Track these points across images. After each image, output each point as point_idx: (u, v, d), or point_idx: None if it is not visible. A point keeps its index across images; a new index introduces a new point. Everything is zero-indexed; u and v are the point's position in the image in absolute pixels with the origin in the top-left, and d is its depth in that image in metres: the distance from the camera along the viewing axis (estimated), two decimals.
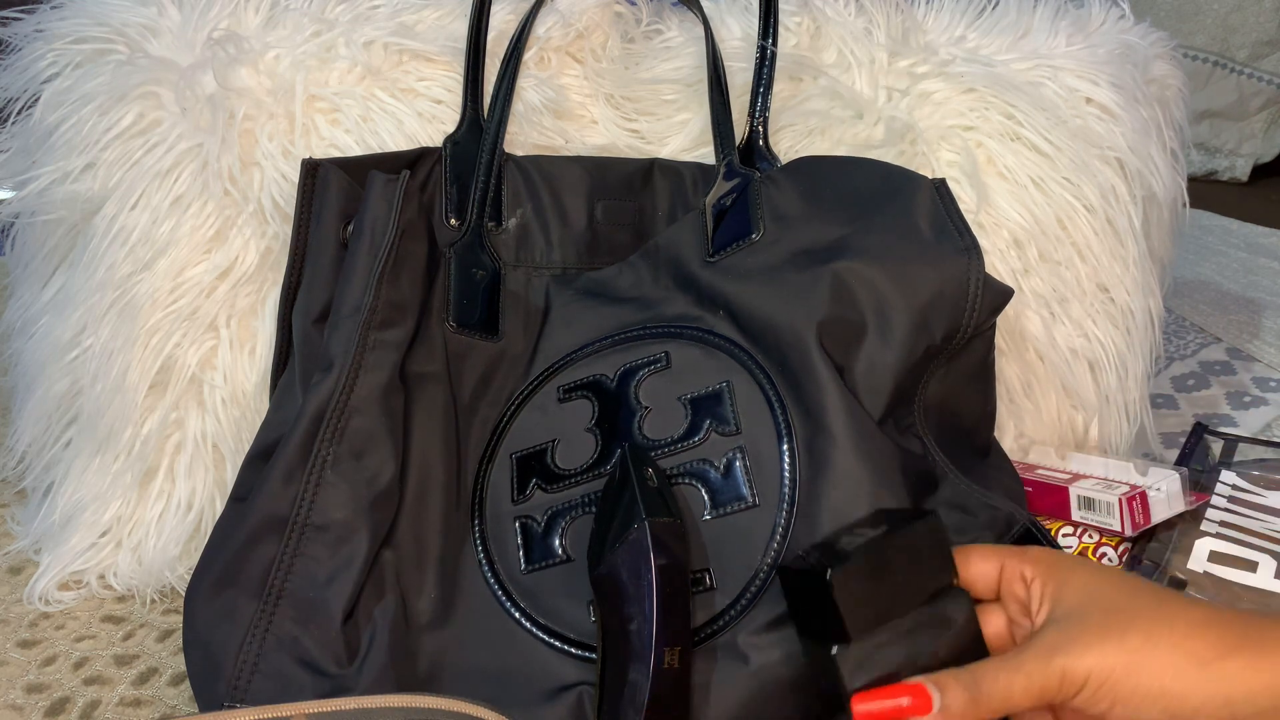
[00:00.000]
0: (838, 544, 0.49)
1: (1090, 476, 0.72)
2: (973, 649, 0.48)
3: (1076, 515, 0.69)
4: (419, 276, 0.63)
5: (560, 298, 0.69)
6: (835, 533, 0.52)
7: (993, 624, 0.50)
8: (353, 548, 0.57)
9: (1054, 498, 0.71)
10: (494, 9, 0.73)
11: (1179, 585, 0.65)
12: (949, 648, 0.47)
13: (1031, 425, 0.78)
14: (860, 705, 0.44)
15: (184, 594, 0.58)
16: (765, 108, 0.72)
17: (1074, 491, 0.70)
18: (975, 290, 0.59)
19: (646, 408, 0.62)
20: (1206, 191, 1.73)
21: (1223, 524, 0.70)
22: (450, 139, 0.70)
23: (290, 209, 0.67)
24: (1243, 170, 1.92)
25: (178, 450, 0.71)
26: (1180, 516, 0.70)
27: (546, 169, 0.71)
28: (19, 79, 0.71)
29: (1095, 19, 0.80)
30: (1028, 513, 0.60)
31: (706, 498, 0.58)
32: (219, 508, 0.70)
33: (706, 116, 0.72)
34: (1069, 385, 0.77)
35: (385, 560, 0.59)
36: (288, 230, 0.67)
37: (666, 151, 0.75)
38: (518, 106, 0.72)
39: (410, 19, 0.73)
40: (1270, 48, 1.86)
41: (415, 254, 0.63)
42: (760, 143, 0.72)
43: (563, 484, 0.62)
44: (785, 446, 0.58)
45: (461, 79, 0.71)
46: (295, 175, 0.67)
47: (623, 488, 0.55)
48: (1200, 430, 0.84)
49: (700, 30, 0.73)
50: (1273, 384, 1.06)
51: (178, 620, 0.68)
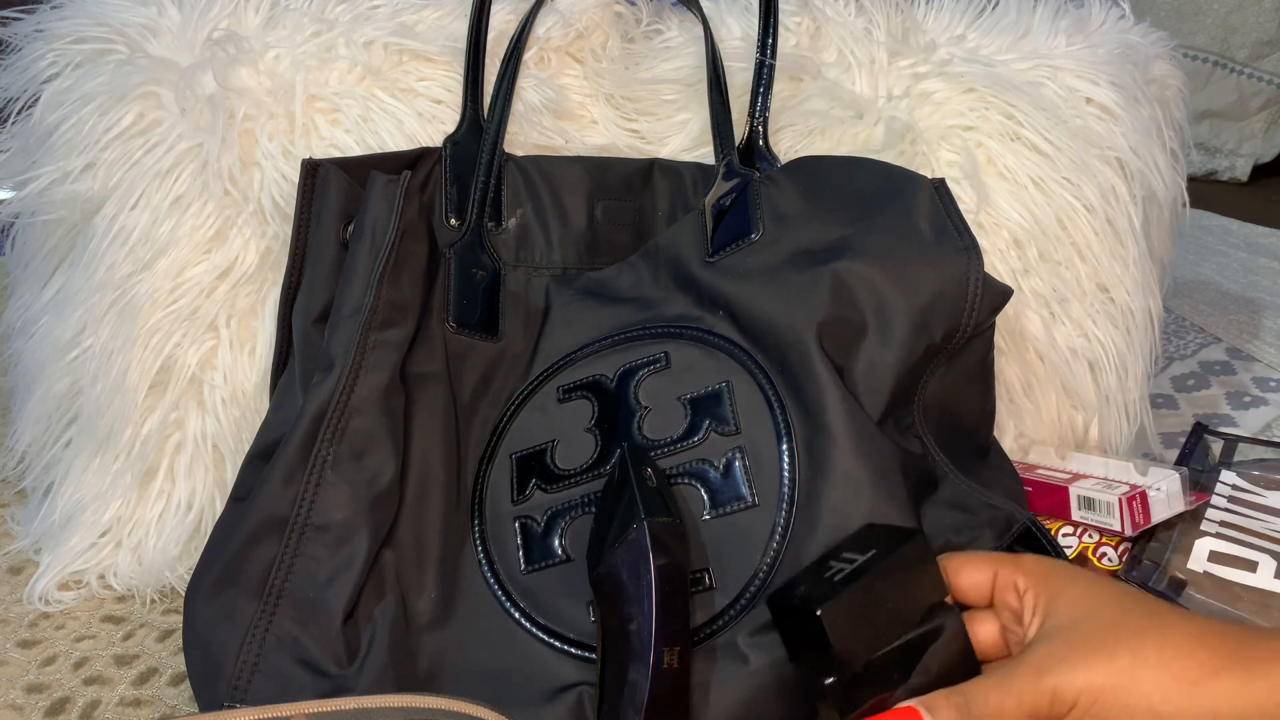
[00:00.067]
0: (826, 572, 0.49)
1: (1090, 476, 0.72)
2: (964, 665, 0.48)
3: (1076, 515, 0.69)
4: (419, 277, 0.63)
5: (560, 298, 0.69)
6: (824, 556, 0.52)
7: (985, 631, 0.49)
8: (353, 548, 0.57)
9: (1054, 498, 0.71)
10: (494, 9, 0.73)
11: (1179, 585, 0.65)
12: (940, 665, 0.47)
13: (1031, 425, 0.78)
14: None
15: (184, 594, 0.58)
16: (765, 108, 0.72)
17: (1074, 491, 0.70)
18: (975, 290, 0.59)
19: (646, 408, 0.62)
20: (1206, 191, 1.72)
21: (1223, 524, 0.70)
22: (450, 139, 0.70)
23: (290, 209, 0.67)
24: (1243, 170, 1.92)
25: (178, 450, 0.71)
26: (1180, 516, 0.70)
27: (546, 169, 0.71)
28: (19, 79, 0.71)
29: (1095, 19, 0.80)
30: (1028, 512, 0.60)
31: (706, 498, 0.58)
32: (219, 508, 0.70)
33: (706, 116, 0.72)
34: (1069, 385, 0.77)
35: (385, 560, 0.59)
36: (288, 230, 0.67)
37: (666, 151, 0.75)
38: (518, 106, 0.72)
39: (410, 19, 0.73)
40: (1270, 48, 1.86)
41: (416, 254, 0.63)
42: (760, 143, 0.72)
43: (562, 484, 0.62)
44: (785, 446, 0.58)
45: (461, 79, 0.71)
46: (295, 175, 0.67)
47: (622, 488, 0.55)
48: (1200, 430, 0.84)
49: (700, 30, 0.73)
50: (1273, 384, 1.06)
51: (178, 620, 0.68)
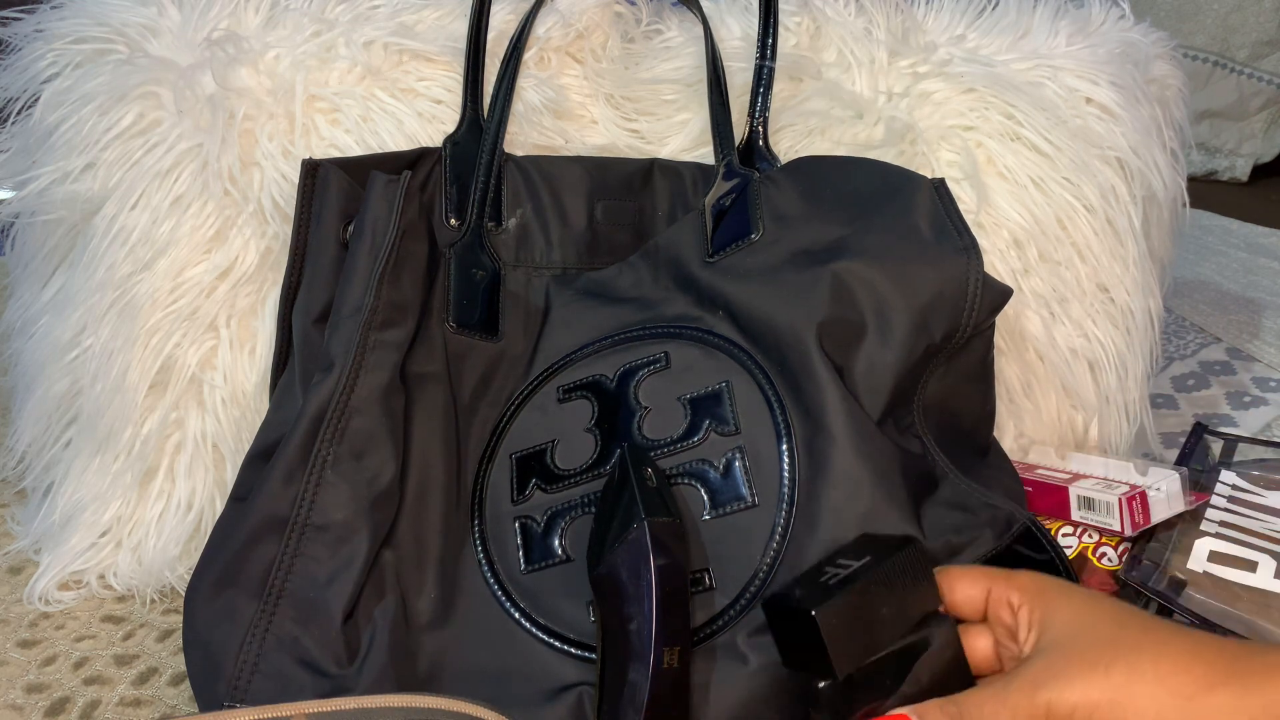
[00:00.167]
0: (821, 577, 0.49)
1: (1090, 476, 0.72)
2: (957, 675, 0.48)
3: (1076, 515, 0.69)
4: (419, 277, 0.63)
5: (560, 298, 0.69)
6: (819, 563, 0.52)
7: (979, 646, 0.49)
8: (353, 548, 0.57)
9: (1054, 497, 0.71)
10: (494, 9, 0.73)
11: (1179, 585, 0.65)
12: (933, 674, 0.47)
13: (1031, 425, 0.78)
14: None
15: (184, 594, 0.58)
16: (765, 108, 0.72)
17: (1074, 491, 0.70)
18: (974, 290, 0.59)
19: (646, 408, 0.62)
20: (1206, 191, 1.73)
21: (1222, 524, 0.70)
22: (450, 139, 0.70)
23: (290, 209, 0.67)
24: (1243, 170, 1.92)
25: (178, 450, 0.71)
26: (1180, 516, 0.70)
27: (546, 169, 0.71)
28: (19, 79, 0.71)
29: (1095, 19, 0.80)
30: (1028, 512, 0.60)
31: (706, 498, 0.58)
32: (219, 508, 0.70)
33: (706, 116, 0.72)
34: (1069, 385, 0.77)
35: (385, 560, 0.59)
36: (288, 230, 0.67)
37: (666, 151, 0.75)
38: (518, 106, 0.72)
39: (410, 19, 0.73)
40: (1270, 48, 1.86)
41: (416, 254, 0.63)
42: (760, 143, 0.72)
43: (562, 484, 0.62)
44: (784, 446, 0.58)
45: (461, 79, 0.71)
46: (295, 175, 0.67)
47: (622, 488, 0.55)
48: (1200, 430, 0.84)
49: (700, 30, 0.73)
50: (1273, 384, 1.06)
51: (178, 620, 0.68)
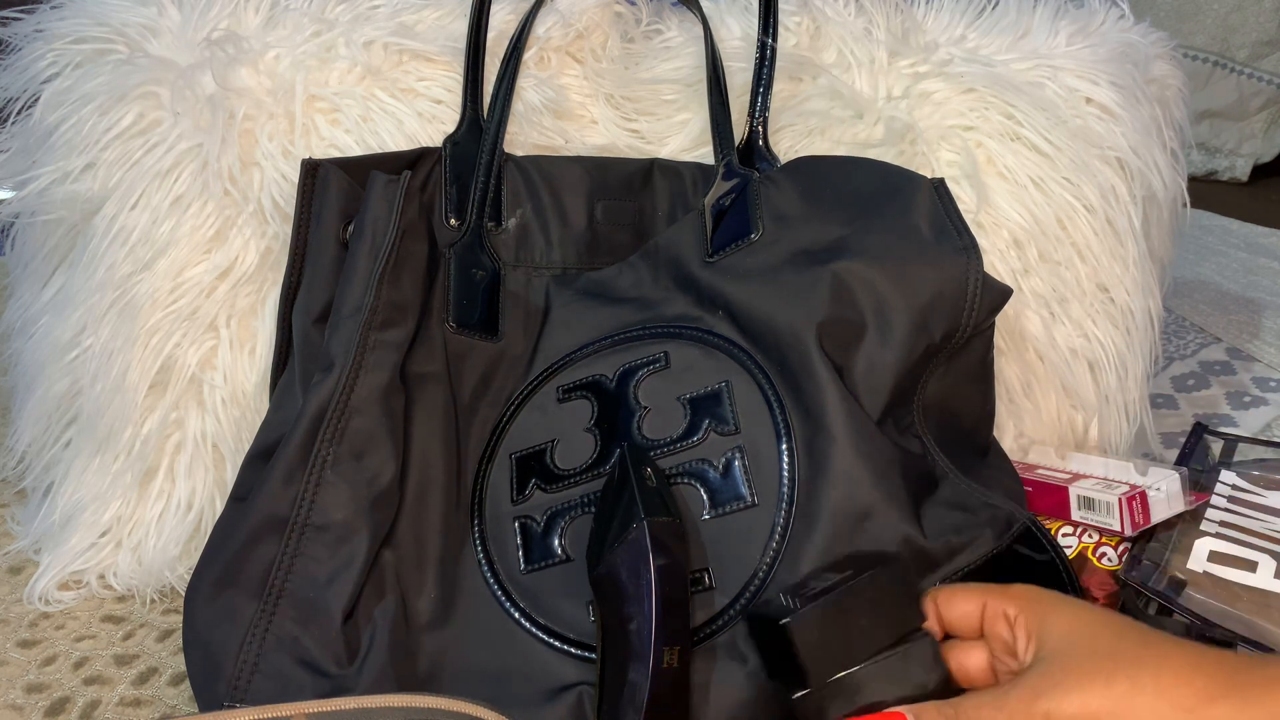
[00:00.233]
0: (804, 590, 0.50)
1: (1090, 476, 0.72)
2: (939, 693, 0.48)
3: (1076, 515, 0.69)
4: (419, 277, 0.63)
5: (560, 298, 0.69)
6: (805, 578, 0.53)
7: (974, 660, 0.49)
8: (353, 548, 0.57)
9: (1054, 497, 0.71)
10: (494, 9, 0.73)
11: (1179, 585, 0.65)
12: (914, 689, 0.47)
13: (1031, 425, 0.78)
14: None
15: (184, 594, 0.58)
16: (765, 108, 0.72)
17: (1074, 491, 0.70)
18: (974, 290, 0.59)
19: (646, 408, 0.62)
20: (1206, 191, 1.73)
21: (1223, 524, 0.70)
22: (450, 139, 0.70)
23: (290, 209, 0.67)
24: (1243, 170, 1.92)
25: (178, 450, 0.71)
26: (1180, 516, 0.70)
27: (546, 169, 0.71)
28: (19, 79, 0.71)
29: (1095, 19, 0.80)
30: (1028, 512, 0.60)
31: (705, 497, 0.58)
32: (219, 508, 0.70)
33: (706, 116, 0.72)
34: (1069, 385, 0.77)
35: (385, 560, 0.59)
36: (288, 230, 0.67)
37: (666, 151, 0.75)
38: (518, 106, 0.72)
39: (410, 19, 0.73)
40: (1270, 48, 1.86)
41: (416, 254, 0.63)
42: (760, 143, 0.72)
43: (562, 484, 0.62)
44: (784, 446, 0.58)
45: (461, 79, 0.71)
46: (295, 175, 0.67)
47: (622, 487, 0.55)
48: (1200, 430, 0.84)
49: (700, 30, 0.73)
50: (1273, 384, 1.06)
51: (178, 620, 0.68)
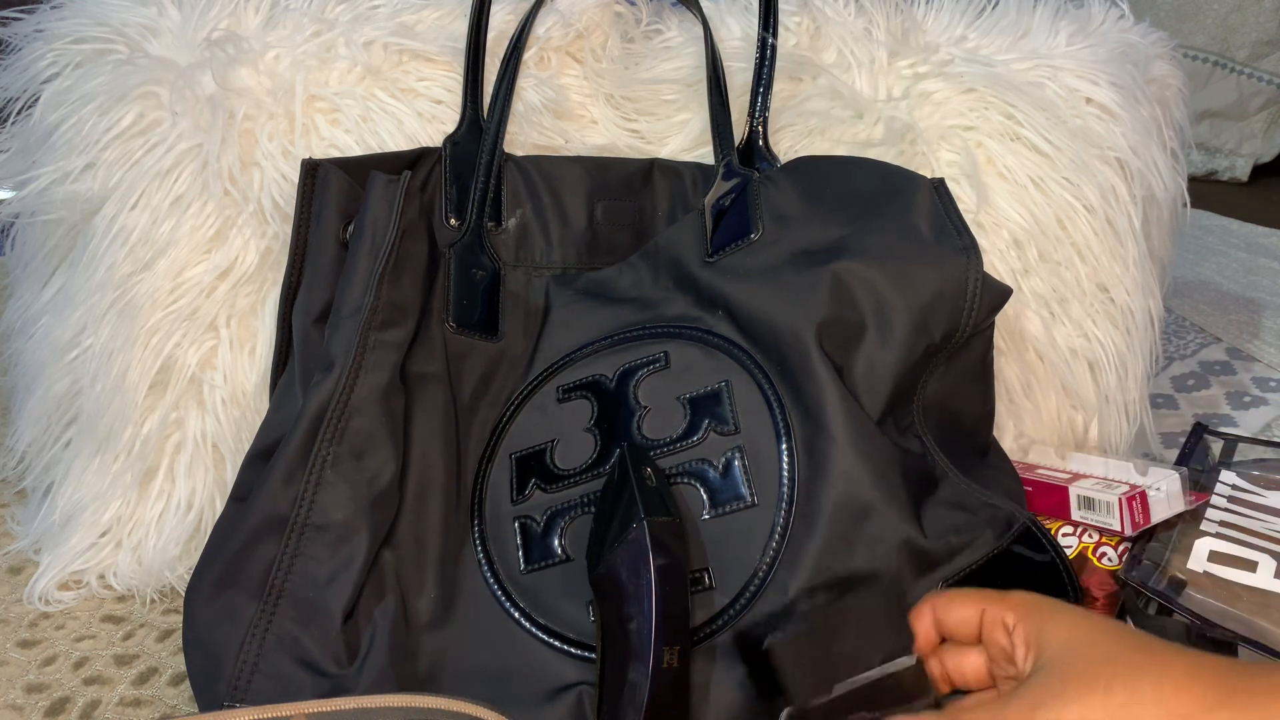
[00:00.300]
0: (793, 611, 0.51)
1: (1090, 476, 0.72)
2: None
3: (1076, 515, 0.69)
4: (419, 277, 0.63)
5: (560, 298, 0.69)
6: (794, 597, 0.53)
7: (971, 665, 0.49)
8: (353, 548, 0.57)
9: (1054, 497, 0.71)
10: (494, 9, 0.73)
11: (1179, 585, 0.65)
12: (900, 708, 0.48)
13: (1031, 425, 0.78)
14: None
15: (184, 594, 0.58)
16: (765, 108, 0.72)
17: (1074, 491, 0.70)
18: (974, 290, 0.59)
19: (645, 407, 0.62)
20: (1206, 191, 1.73)
21: (1222, 524, 0.70)
22: (450, 139, 0.70)
23: (290, 209, 0.67)
24: (1243, 170, 1.92)
25: (178, 450, 0.71)
26: (1180, 516, 0.70)
27: (546, 169, 0.71)
28: (19, 79, 0.71)
29: (1095, 19, 0.80)
30: (1028, 512, 0.60)
31: (705, 497, 0.58)
32: (219, 508, 0.70)
33: (706, 116, 0.72)
34: (1069, 385, 0.77)
35: (385, 560, 0.59)
36: (288, 230, 0.67)
37: (666, 151, 0.75)
38: (518, 106, 0.72)
39: (410, 19, 0.73)
40: (1270, 48, 1.86)
41: (416, 254, 0.63)
42: (760, 143, 0.72)
43: (562, 484, 0.62)
44: (784, 446, 0.58)
45: (461, 79, 0.71)
46: (295, 175, 0.67)
47: (622, 487, 0.55)
48: (1200, 430, 0.84)
49: (700, 30, 0.73)
50: (1273, 384, 1.06)
51: (178, 620, 0.68)
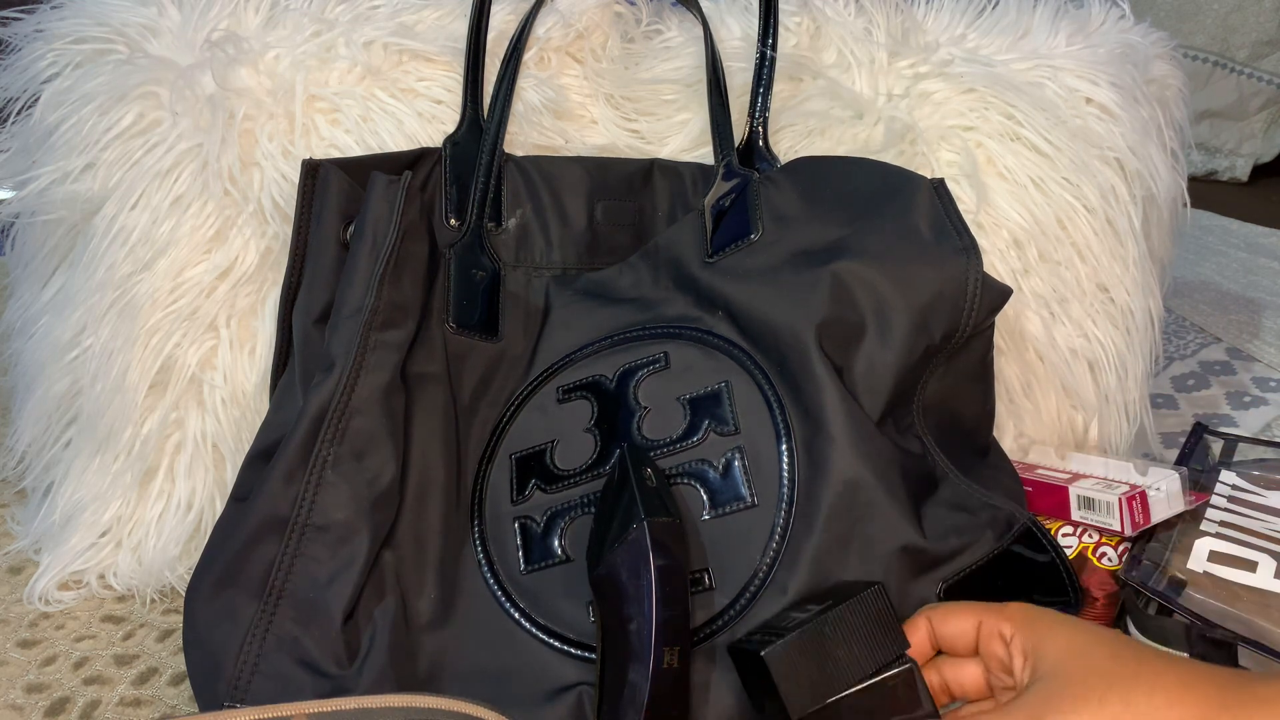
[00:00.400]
0: (784, 621, 0.51)
1: (1090, 476, 0.72)
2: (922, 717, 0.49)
3: (1076, 515, 0.69)
4: (420, 277, 0.63)
5: (560, 298, 0.69)
6: (786, 609, 0.53)
7: (969, 675, 0.50)
8: (353, 548, 0.57)
9: (1054, 497, 0.71)
10: (494, 9, 0.73)
11: (1179, 585, 0.65)
12: (896, 716, 0.48)
13: (1031, 425, 0.78)
14: None
15: (184, 594, 0.58)
16: (765, 108, 0.72)
17: (1074, 491, 0.70)
18: (974, 290, 0.59)
19: (645, 408, 0.62)
20: (1206, 191, 1.73)
21: (1223, 524, 0.70)
22: (450, 139, 0.70)
23: (290, 209, 0.67)
24: (1243, 170, 1.92)
25: (178, 450, 0.71)
26: (1180, 516, 0.70)
27: (546, 169, 0.71)
28: (19, 79, 0.71)
29: (1095, 19, 0.80)
30: (1028, 512, 0.60)
31: (705, 498, 0.58)
32: (219, 508, 0.70)
33: (706, 116, 0.72)
34: (1069, 385, 0.77)
35: (385, 561, 0.59)
36: (288, 230, 0.67)
37: (666, 151, 0.75)
38: (518, 106, 0.72)
39: (410, 19, 0.73)
40: (1270, 48, 1.86)
41: (416, 255, 0.63)
42: (760, 143, 0.72)
43: (562, 484, 0.62)
44: (784, 447, 0.58)
45: (461, 79, 0.71)
46: (295, 175, 0.67)
47: (621, 488, 0.55)
48: (1200, 430, 0.84)
49: (700, 30, 0.73)
50: (1273, 384, 1.06)
51: (178, 620, 0.68)
